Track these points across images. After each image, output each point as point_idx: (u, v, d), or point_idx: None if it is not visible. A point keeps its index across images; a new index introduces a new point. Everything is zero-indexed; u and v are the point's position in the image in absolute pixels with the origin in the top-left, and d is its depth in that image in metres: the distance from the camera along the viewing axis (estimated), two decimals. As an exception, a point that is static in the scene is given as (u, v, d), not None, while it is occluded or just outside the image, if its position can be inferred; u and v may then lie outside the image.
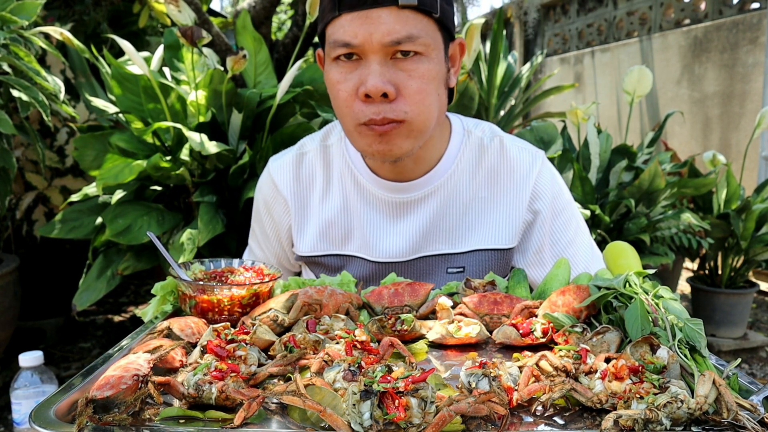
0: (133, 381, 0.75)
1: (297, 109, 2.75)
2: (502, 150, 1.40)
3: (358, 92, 1.16)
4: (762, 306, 4.53)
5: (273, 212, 1.47)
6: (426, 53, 1.17)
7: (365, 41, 1.13)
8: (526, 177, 1.39)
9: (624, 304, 0.97)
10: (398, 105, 1.16)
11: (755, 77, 4.84)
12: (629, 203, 3.01)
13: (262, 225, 1.51)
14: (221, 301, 1.07)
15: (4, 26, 2.28)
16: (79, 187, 3.30)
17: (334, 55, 1.18)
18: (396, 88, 1.15)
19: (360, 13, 1.13)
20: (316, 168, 1.43)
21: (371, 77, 1.14)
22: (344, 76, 1.18)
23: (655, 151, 3.98)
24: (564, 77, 7.15)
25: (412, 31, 1.13)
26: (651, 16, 6.05)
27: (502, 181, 1.39)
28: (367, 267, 1.40)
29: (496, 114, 4.38)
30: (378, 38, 1.12)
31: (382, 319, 1.03)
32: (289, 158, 1.45)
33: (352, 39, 1.14)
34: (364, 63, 1.16)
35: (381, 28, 1.12)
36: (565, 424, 0.75)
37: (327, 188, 1.42)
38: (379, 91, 1.13)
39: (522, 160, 1.40)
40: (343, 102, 1.20)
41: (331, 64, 1.20)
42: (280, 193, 1.44)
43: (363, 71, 1.16)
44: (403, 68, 1.16)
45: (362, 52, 1.15)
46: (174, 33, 2.75)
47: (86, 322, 4.03)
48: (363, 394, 0.68)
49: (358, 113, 1.18)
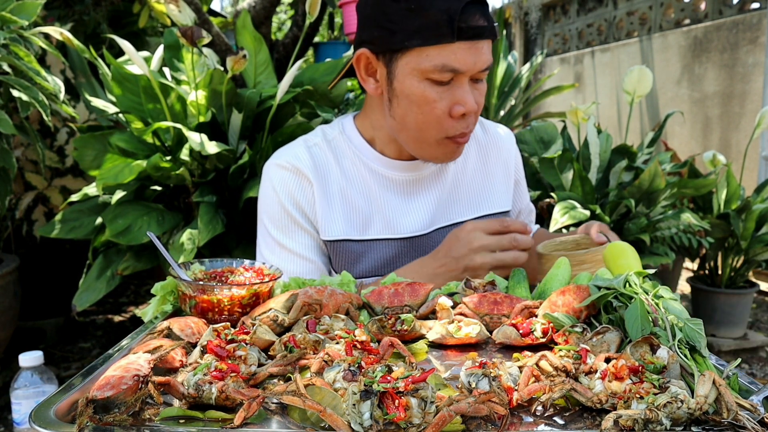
0: (134, 381, 0.75)
1: (297, 109, 2.75)
2: (484, 129, 1.65)
3: (453, 111, 1.31)
4: (762, 306, 4.53)
5: (300, 199, 1.43)
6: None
7: (470, 69, 1.29)
8: (508, 149, 1.66)
9: (624, 304, 0.97)
10: (473, 119, 1.37)
11: (755, 77, 4.84)
12: (629, 203, 3.01)
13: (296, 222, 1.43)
14: (221, 301, 1.07)
15: (4, 26, 2.28)
16: (79, 187, 3.30)
17: (435, 77, 1.29)
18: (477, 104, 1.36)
19: (473, 43, 1.28)
20: (327, 157, 1.49)
21: (469, 98, 1.31)
22: (440, 96, 1.31)
23: (655, 151, 3.98)
24: (564, 77, 7.15)
25: (491, 59, 1.35)
26: (651, 16, 6.05)
27: (492, 154, 1.63)
28: (391, 247, 1.47)
29: (496, 114, 4.38)
30: (479, 66, 1.30)
31: (382, 319, 1.03)
32: (300, 149, 1.49)
33: (461, 66, 1.28)
34: (455, 84, 1.31)
35: (482, 58, 1.30)
36: (565, 424, 0.75)
37: (342, 176, 1.48)
38: (475, 110, 1.33)
39: (501, 135, 1.67)
40: (435, 118, 1.33)
41: (424, 82, 1.30)
42: (302, 175, 1.43)
43: (457, 92, 1.31)
44: (478, 88, 1.36)
45: (458, 76, 1.30)
46: (174, 33, 2.75)
47: (86, 322, 4.03)
48: (363, 394, 0.68)
49: (449, 128, 1.34)
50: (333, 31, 6.58)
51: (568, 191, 3.16)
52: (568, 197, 3.08)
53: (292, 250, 1.43)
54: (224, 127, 2.63)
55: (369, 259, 1.45)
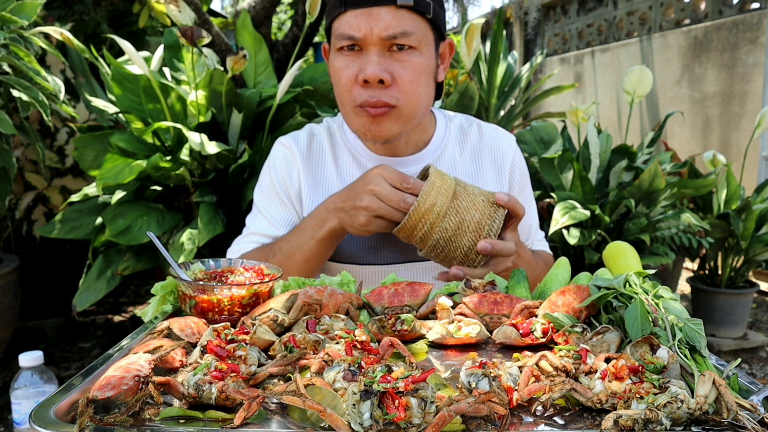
0: (135, 382, 0.75)
1: (297, 109, 2.75)
2: (481, 133, 1.63)
3: (358, 78, 1.33)
4: (762, 306, 4.53)
5: (287, 176, 1.53)
6: (419, 48, 1.35)
7: (366, 34, 1.31)
8: (505, 155, 1.61)
9: (624, 304, 0.97)
10: (392, 91, 1.34)
11: (755, 77, 4.84)
12: (629, 203, 3.01)
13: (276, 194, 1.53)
14: (221, 301, 1.07)
15: (4, 26, 2.28)
16: (79, 187, 3.30)
17: (339, 46, 1.35)
18: (391, 76, 1.33)
19: (363, 11, 1.30)
20: (325, 147, 1.57)
21: (370, 65, 1.31)
22: (346, 64, 1.35)
23: (655, 151, 3.98)
24: (564, 77, 7.15)
25: (407, 27, 1.32)
26: (651, 16, 6.05)
27: (485, 159, 1.60)
28: (373, 239, 1.51)
29: (496, 114, 4.38)
30: (377, 32, 1.30)
31: (382, 319, 1.03)
32: (302, 134, 1.59)
33: (355, 33, 1.31)
34: (364, 53, 1.33)
35: (380, 23, 1.30)
36: (565, 424, 0.75)
37: (335, 166, 1.55)
38: (377, 77, 1.31)
39: (499, 140, 1.63)
40: (344, 86, 1.37)
41: (336, 54, 1.38)
42: (294, 155, 1.54)
43: (363, 60, 1.33)
44: (398, 59, 1.34)
45: (363, 44, 1.32)
46: (174, 33, 2.75)
47: (86, 322, 4.03)
48: (363, 394, 0.68)
49: (356, 96, 1.35)
50: (333, 31, 6.57)
51: (568, 191, 3.16)
52: (568, 197, 3.08)
53: (266, 216, 1.54)
54: (224, 127, 2.63)
55: (353, 239, 1.50)
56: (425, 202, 1.27)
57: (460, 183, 1.34)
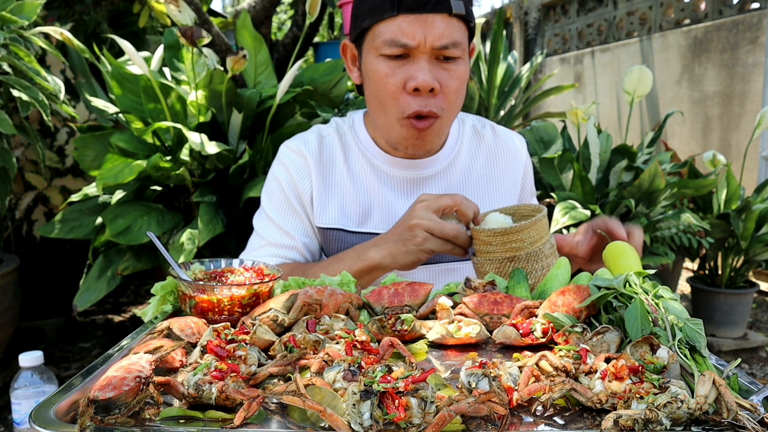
0: (136, 383, 0.75)
1: (297, 109, 2.75)
2: (495, 134, 1.61)
3: (407, 86, 1.29)
4: (762, 306, 4.53)
5: (298, 182, 1.48)
6: (463, 57, 1.33)
7: (420, 43, 1.27)
8: (518, 157, 1.61)
9: (624, 304, 0.97)
10: (439, 101, 1.32)
11: (755, 77, 4.84)
12: (629, 203, 3.01)
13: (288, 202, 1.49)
14: (221, 301, 1.07)
15: (4, 26, 2.28)
16: (79, 187, 3.30)
17: (386, 52, 1.29)
18: (440, 84, 1.30)
19: (418, 17, 1.26)
20: (335, 149, 1.52)
21: (422, 73, 1.27)
22: (393, 71, 1.30)
23: (655, 151, 3.98)
24: (564, 77, 7.15)
25: (457, 37, 1.29)
26: (651, 16, 6.05)
27: (500, 161, 1.59)
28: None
29: (496, 114, 4.38)
30: (431, 41, 1.26)
31: (382, 319, 1.03)
32: (312, 137, 1.54)
33: (409, 40, 1.27)
34: (412, 60, 1.29)
35: (434, 32, 1.26)
36: (565, 424, 0.75)
37: (346, 168, 1.51)
38: (429, 86, 1.28)
39: (513, 142, 1.62)
40: (389, 94, 1.32)
41: (379, 59, 1.32)
42: (306, 161, 1.49)
43: (412, 68, 1.29)
44: (446, 68, 1.31)
45: (414, 52, 1.28)
46: (174, 33, 2.75)
47: (86, 322, 4.03)
48: (363, 394, 0.68)
49: (404, 106, 1.31)
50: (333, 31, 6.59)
51: (568, 191, 3.16)
52: (568, 197, 3.08)
53: (279, 224, 1.50)
54: (224, 127, 2.63)
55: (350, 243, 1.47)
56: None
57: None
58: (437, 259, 1.50)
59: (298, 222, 1.49)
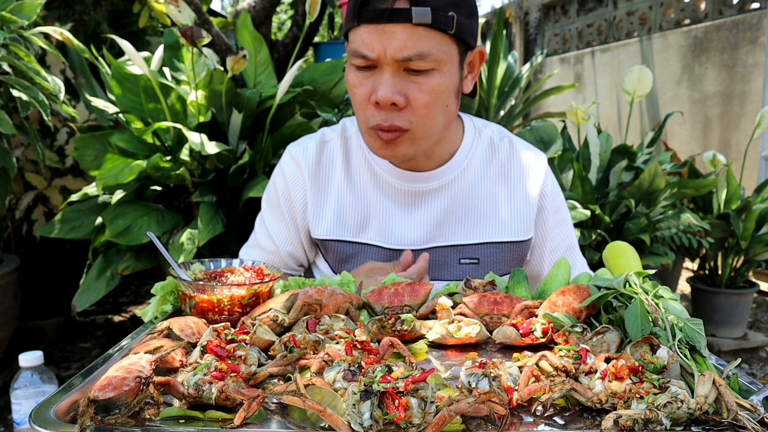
0: (136, 383, 0.75)
1: (297, 109, 2.75)
2: (512, 149, 1.50)
3: (371, 98, 1.25)
4: (762, 306, 4.53)
5: (292, 192, 1.48)
6: (438, 68, 1.23)
7: (380, 55, 1.21)
8: (536, 175, 1.49)
9: (624, 304, 0.97)
10: (405, 115, 1.25)
11: (755, 77, 4.84)
12: (629, 203, 3.01)
13: (279, 208, 1.50)
14: (221, 301, 1.07)
15: (4, 26, 2.28)
16: (79, 187, 3.30)
17: (353, 63, 1.27)
18: (405, 98, 1.23)
19: (377, 27, 1.20)
20: (336, 156, 1.48)
21: (382, 87, 1.22)
22: (360, 81, 1.27)
23: (655, 151, 3.98)
24: (564, 77, 7.15)
25: (423, 48, 1.20)
26: (651, 16, 6.05)
27: (514, 178, 1.48)
28: (382, 255, 1.44)
29: (496, 114, 4.38)
30: (391, 53, 1.20)
31: (382, 319, 1.03)
32: (312, 143, 1.50)
33: (368, 52, 1.22)
34: (378, 72, 1.24)
35: (394, 44, 1.19)
36: (565, 424, 0.75)
37: (346, 176, 1.47)
38: (389, 101, 1.22)
39: (531, 159, 1.51)
40: (358, 104, 1.30)
41: (350, 68, 1.30)
42: (301, 171, 1.47)
43: (377, 80, 1.24)
44: (415, 81, 1.23)
45: (377, 63, 1.23)
46: (174, 33, 2.75)
47: (86, 322, 4.03)
48: (363, 394, 0.68)
49: (369, 117, 1.28)
50: (333, 31, 6.58)
51: (568, 191, 3.16)
52: (568, 197, 3.08)
53: (269, 228, 1.51)
54: (224, 127, 2.63)
55: (359, 262, 1.44)
56: None
57: None
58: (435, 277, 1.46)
59: (285, 230, 1.49)
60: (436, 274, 1.44)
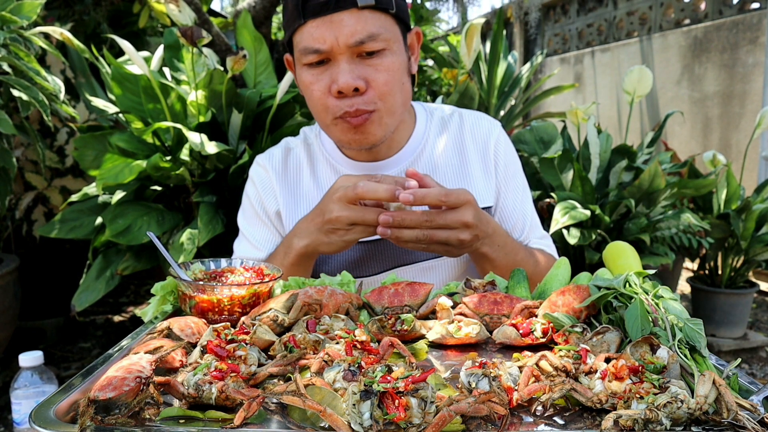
0: (136, 383, 0.75)
1: (297, 109, 2.75)
2: (462, 121, 1.54)
3: (331, 90, 1.27)
4: (762, 306, 4.53)
5: (264, 197, 1.50)
6: (388, 48, 1.28)
7: (332, 45, 1.24)
8: (487, 142, 1.52)
9: (624, 304, 0.97)
10: (368, 97, 1.28)
11: (755, 77, 4.84)
12: (629, 203, 3.01)
13: (256, 216, 1.52)
14: (221, 301, 1.07)
15: (4, 26, 2.28)
16: (79, 187, 3.30)
17: (305, 61, 1.28)
18: (365, 81, 1.27)
19: (324, 19, 1.23)
20: (302, 161, 1.53)
21: (341, 75, 1.24)
22: (316, 77, 1.29)
23: (655, 151, 3.98)
24: (564, 77, 7.15)
25: (372, 29, 1.24)
26: (651, 16, 6.05)
27: (469, 148, 1.51)
28: (357, 249, 1.46)
29: (496, 114, 4.38)
30: (343, 40, 1.23)
31: (382, 319, 1.03)
32: (278, 151, 1.55)
33: (320, 45, 1.24)
34: (333, 63, 1.27)
35: (345, 30, 1.23)
36: (565, 424, 0.75)
37: (313, 179, 1.51)
38: (351, 87, 1.25)
39: (481, 127, 1.54)
40: (317, 100, 1.31)
41: (303, 68, 1.31)
42: (269, 176, 1.50)
43: (333, 71, 1.26)
44: (370, 63, 1.27)
45: (331, 55, 1.26)
46: (174, 33, 2.75)
47: (86, 322, 4.03)
48: (363, 394, 0.68)
49: (333, 108, 1.29)
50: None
51: (568, 191, 3.16)
52: (568, 197, 3.08)
53: (249, 239, 1.52)
54: (224, 127, 2.63)
55: (335, 261, 1.47)
56: None
57: None
58: (413, 258, 1.47)
59: (267, 233, 1.50)
60: (412, 256, 1.46)
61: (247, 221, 1.54)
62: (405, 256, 1.46)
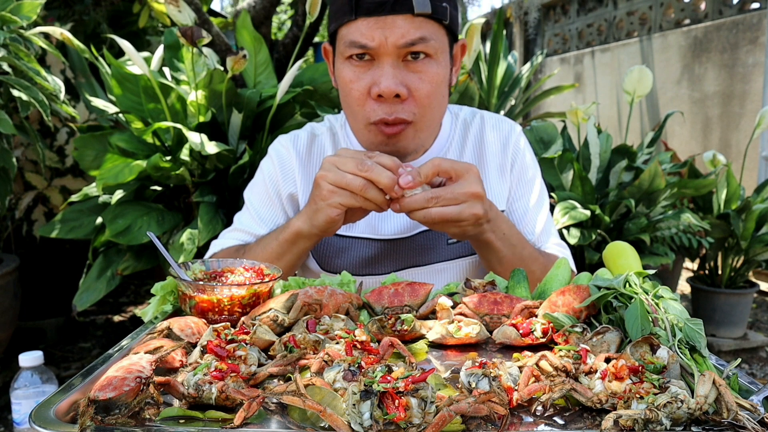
0: (136, 383, 0.75)
1: (297, 109, 2.75)
2: (483, 124, 1.51)
3: (371, 92, 1.23)
4: (762, 306, 4.53)
5: (281, 178, 1.45)
6: (435, 56, 1.24)
7: (381, 43, 1.20)
8: (506, 145, 1.49)
9: (624, 304, 0.97)
10: (408, 106, 1.24)
11: (755, 77, 4.84)
12: (629, 203, 3.01)
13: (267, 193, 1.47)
14: (221, 301, 1.07)
15: (4, 26, 2.28)
16: (79, 187, 3.30)
17: (348, 54, 1.24)
18: (408, 89, 1.23)
19: (377, 19, 1.20)
20: (327, 150, 1.48)
21: (385, 78, 1.21)
22: (357, 75, 1.25)
23: (655, 151, 3.98)
24: (564, 77, 7.15)
25: (425, 33, 1.21)
26: (651, 16, 6.05)
27: (488, 152, 1.49)
28: (372, 247, 1.44)
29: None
30: (393, 41, 1.19)
31: (382, 319, 1.03)
32: (304, 134, 1.50)
33: (368, 42, 1.20)
34: (377, 64, 1.23)
35: (396, 31, 1.19)
36: (565, 424, 0.75)
37: None
38: (393, 92, 1.21)
39: (502, 130, 1.51)
40: (355, 100, 1.27)
41: (344, 63, 1.27)
42: (292, 158, 1.46)
43: (376, 72, 1.23)
44: (414, 70, 1.23)
45: (376, 53, 1.22)
46: (174, 33, 2.75)
47: (86, 322, 4.03)
48: (363, 394, 0.68)
49: (370, 112, 1.25)
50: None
51: (568, 191, 3.16)
52: (568, 197, 3.08)
53: (253, 213, 1.46)
54: (224, 127, 2.63)
55: (349, 256, 1.44)
56: None
57: None
58: (427, 260, 1.46)
59: (272, 213, 1.46)
60: (426, 258, 1.45)
61: (256, 195, 1.49)
62: (419, 257, 1.45)
